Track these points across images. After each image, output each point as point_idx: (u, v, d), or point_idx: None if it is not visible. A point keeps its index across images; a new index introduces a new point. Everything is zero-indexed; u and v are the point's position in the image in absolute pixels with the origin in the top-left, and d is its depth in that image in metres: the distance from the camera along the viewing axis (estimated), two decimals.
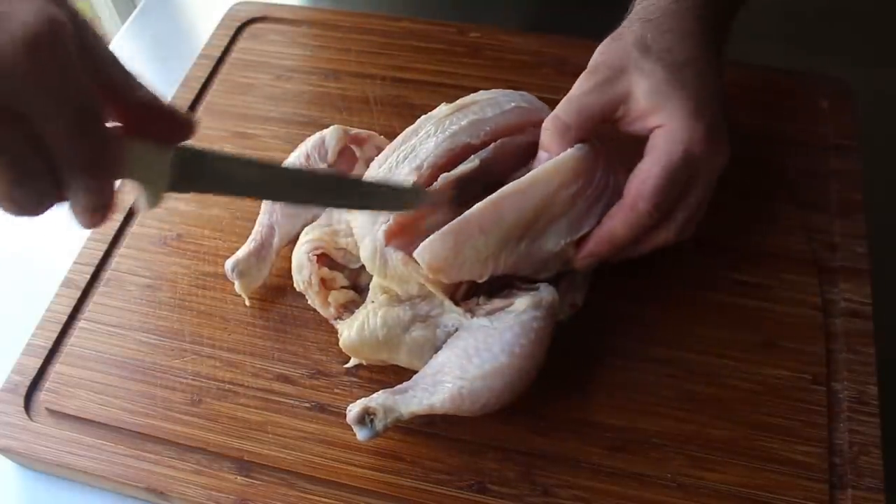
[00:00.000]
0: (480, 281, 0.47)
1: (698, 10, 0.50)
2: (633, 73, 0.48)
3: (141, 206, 0.37)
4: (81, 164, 0.33)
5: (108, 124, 0.35)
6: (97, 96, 0.33)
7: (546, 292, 0.47)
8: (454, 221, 0.45)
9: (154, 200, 0.36)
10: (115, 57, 0.36)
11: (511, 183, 0.46)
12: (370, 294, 0.49)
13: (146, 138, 0.36)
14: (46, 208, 0.34)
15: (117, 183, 0.35)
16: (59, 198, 0.34)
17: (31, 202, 0.33)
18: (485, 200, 0.46)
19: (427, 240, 0.45)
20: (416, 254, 0.45)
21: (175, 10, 0.80)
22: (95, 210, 0.34)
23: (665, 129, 0.47)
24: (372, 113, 0.64)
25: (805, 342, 0.51)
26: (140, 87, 0.36)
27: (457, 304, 0.47)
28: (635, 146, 0.48)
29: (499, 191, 0.46)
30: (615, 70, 0.48)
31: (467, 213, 0.45)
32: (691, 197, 0.48)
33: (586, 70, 0.50)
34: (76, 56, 0.32)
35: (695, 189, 0.48)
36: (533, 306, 0.46)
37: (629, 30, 0.50)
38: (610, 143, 0.50)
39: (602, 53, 0.50)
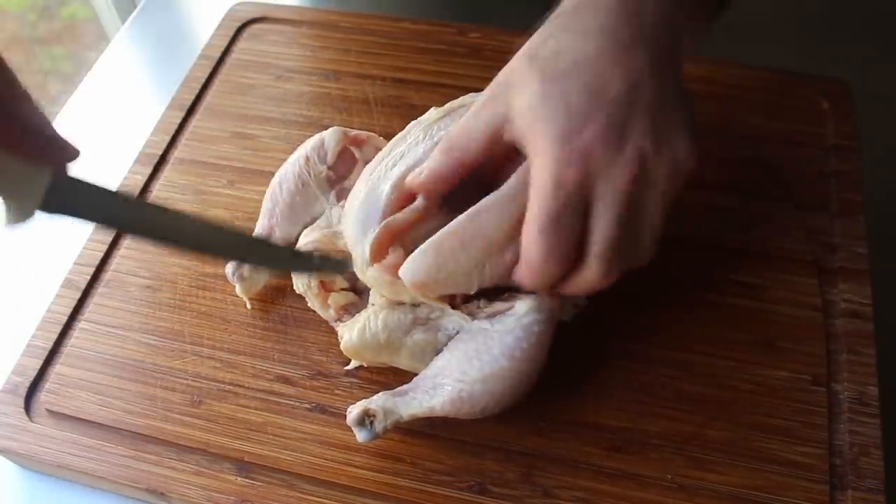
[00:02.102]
0: (470, 293, 0.46)
1: (627, 2, 0.43)
2: (513, 88, 0.43)
3: (6, 222, 0.36)
4: None
5: None
6: None
7: (548, 299, 0.47)
8: (434, 237, 0.44)
9: (21, 217, 0.36)
10: (4, 66, 0.35)
11: (488, 196, 0.45)
12: (370, 297, 0.49)
13: (23, 156, 0.35)
14: None
15: None
16: None
17: None
18: (463, 214, 0.44)
19: (408, 258, 0.44)
20: (400, 273, 0.44)
21: (175, 10, 0.80)
22: None
23: (533, 158, 0.41)
24: (372, 114, 0.64)
25: (805, 343, 0.51)
26: (27, 101, 0.35)
27: (455, 308, 0.47)
28: None
29: (477, 204, 0.45)
30: (500, 85, 0.44)
31: (446, 227, 0.44)
32: (597, 229, 0.41)
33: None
34: None
35: (599, 218, 0.41)
36: (535, 310, 0.46)
37: (532, 35, 0.45)
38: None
39: (500, 71, 0.45)
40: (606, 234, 0.41)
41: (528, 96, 0.42)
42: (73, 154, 0.37)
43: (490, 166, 0.49)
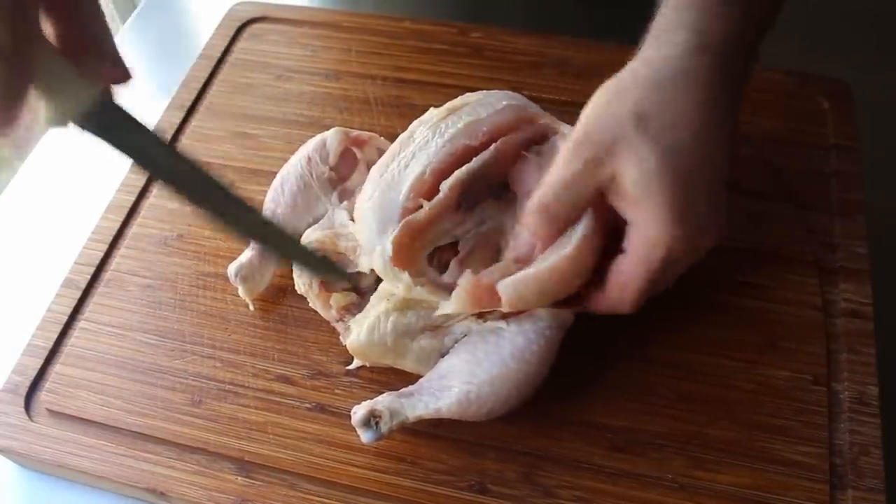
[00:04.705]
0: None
1: (721, 60, 0.43)
2: (624, 153, 0.42)
3: (40, 123, 0.36)
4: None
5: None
6: None
7: (566, 311, 0.47)
8: (535, 272, 0.45)
9: (57, 121, 0.36)
10: None
11: (579, 238, 0.45)
12: (381, 291, 0.48)
13: (81, 66, 0.36)
14: None
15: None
16: None
17: None
18: (559, 258, 0.45)
19: (512, 281, 0.45)
20: (501, 289, 0.44)
21: (175, 10, 0.80)
22: None
23: (645, 231, 0.43)
24: (373, 113, 0.64)
25: (805, 342, 0.51)
26: (99, 14, 0.36)
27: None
28: None
29: (567, 249, 0.45)
30: (605, 146, 0.43)
31: (546, 266, 0.45)
32: (667, 277, 0.46)
33: (574, 139, 0.44)
34: None
35: (673, 272, 0.46)
36: (551, 317, 0.46)
37: (630, 89, 0.44)
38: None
39: (593, 117, 0.44)
40: (670, 281, 0.46)
41: (644, 166, 0.42)
42: (125, 77, 0.38)
43: (497, 167, 0.49)
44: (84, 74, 0.36)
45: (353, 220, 0.50)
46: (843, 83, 0.64)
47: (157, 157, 0.39)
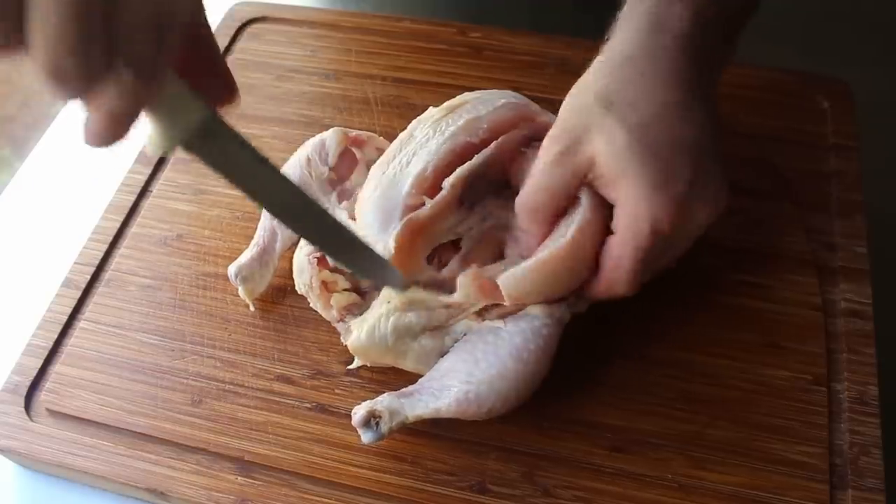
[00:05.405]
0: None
1: (681, 41, 0.45)
2: (595, 136, 0.44)
3: (149, 147, 0.35)
4: (138, 54, 0.30)
5: None
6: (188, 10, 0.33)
7: (562, 308, 0.47)
8: (534, 263, 0.45)
9: (165, 146, 0.35)
10: None
11: (576, 226, 0.45)
12: (384, 292, 0.48)
13: (190, 85, 0.35)
14: (81, 87, 0.30)
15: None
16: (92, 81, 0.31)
17: (77, 71, 0.30)
18: (558, 247, 0.45)
19: (511, 275, 0.45)
20: (502, 283, 0.44)
21: None
22: (117, 117, 0.31)
23: (627, 208, 0.44)
24: (373, 113, 0.64)
25: (805, 342, 0.51)
26: (208, 29, 0.36)
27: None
28: None
29: (565, 237, 0.45)
30: (577, 134, 0.44)
31: (545, 255, 0.45)
32: (668, 256, 0.46)
33: (549, 134, 0.46)
34: None
35: (673, 249, 0.46)
36: (547, 314, 0.46)
37: (595, 77, 0.46)
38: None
39: (565, 111, 0.46)
40: (679, 253, 0.46)
41: (615, 144, 0.43)
42: (234, 98, 0.38)
43: (499, 164, 0.49)
44: (192, 93, 0.35)
45: (353, 219, 0.50)
46: (843, 83, 0.64)
47: (261, 179, 0.38)
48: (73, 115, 0.70)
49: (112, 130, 0.31)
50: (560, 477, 0.46)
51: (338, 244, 0.41)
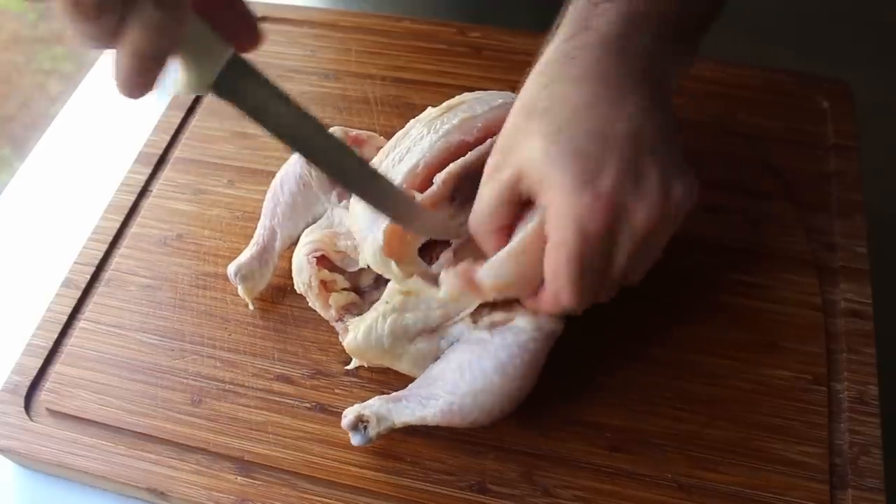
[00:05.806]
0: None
1: (606, 39, 0.43)
2: (519, 150, 0.43)
3: (178, 88, 0.36)
4: None
5: None
6: None
7: (551, 320, 0.46)
8: (508, 252, 0.44)
9: (195, 87, 0.35)
10: None
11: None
12: (385, 294, 0.48)
13: (216, 27, 0.35)
14: (107, 25, 0.30)
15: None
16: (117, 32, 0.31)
17: (103, 5, 0.30)
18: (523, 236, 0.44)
19: (492, 264, 0.44)
20: (483, 274, 0.44)
21: None
22: (145, 58, 0.31)
23: (551, 212, 0.42)
24: (373, 113, 0.64)
25: (805, 342, 0.51)
26: None
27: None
28: None
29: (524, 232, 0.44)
30: (507, 149, 0.44)
31: (517, 243, 0.44)
32: (616, 263, 0.43)
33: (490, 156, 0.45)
34: None
35: (617, 255, 0.42)
36: (535, 328, 0.46)
37: (522, 90, 0.45)
38: None
39: (503, 128, 0.45)
40: (621, 266, 0.43)
41: (535, 150, 0.42)
42: (259, 39, 0.38)
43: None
44: (218, 36, 0.35)
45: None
46: (843, 83, 0.64)
47: (284, 116, 0.38)
48: (73, 116, 0.70)
49: (142, 74, 0.32)
50: (559, 477, 0.46)
51: (361, 181, 0.42)
